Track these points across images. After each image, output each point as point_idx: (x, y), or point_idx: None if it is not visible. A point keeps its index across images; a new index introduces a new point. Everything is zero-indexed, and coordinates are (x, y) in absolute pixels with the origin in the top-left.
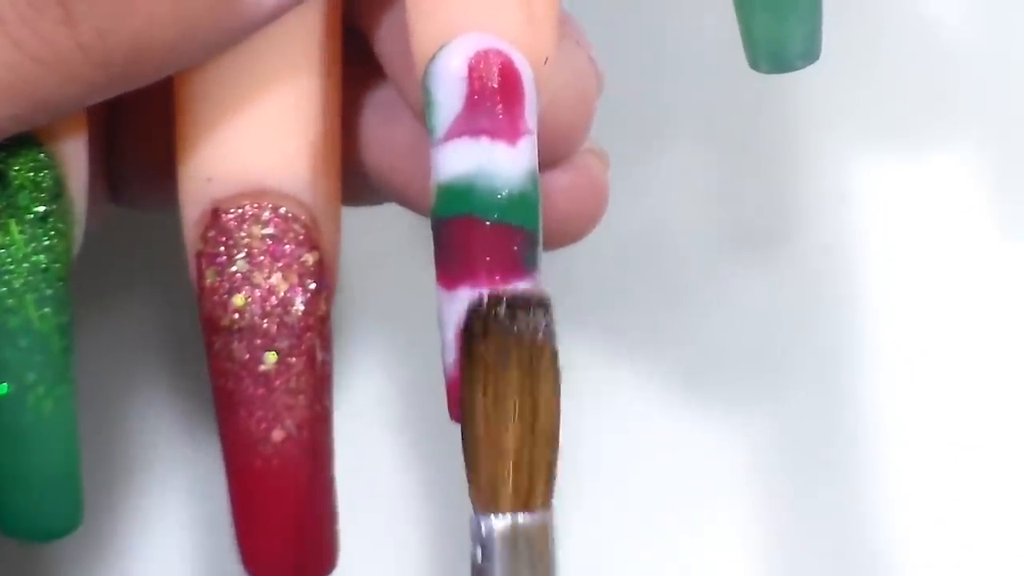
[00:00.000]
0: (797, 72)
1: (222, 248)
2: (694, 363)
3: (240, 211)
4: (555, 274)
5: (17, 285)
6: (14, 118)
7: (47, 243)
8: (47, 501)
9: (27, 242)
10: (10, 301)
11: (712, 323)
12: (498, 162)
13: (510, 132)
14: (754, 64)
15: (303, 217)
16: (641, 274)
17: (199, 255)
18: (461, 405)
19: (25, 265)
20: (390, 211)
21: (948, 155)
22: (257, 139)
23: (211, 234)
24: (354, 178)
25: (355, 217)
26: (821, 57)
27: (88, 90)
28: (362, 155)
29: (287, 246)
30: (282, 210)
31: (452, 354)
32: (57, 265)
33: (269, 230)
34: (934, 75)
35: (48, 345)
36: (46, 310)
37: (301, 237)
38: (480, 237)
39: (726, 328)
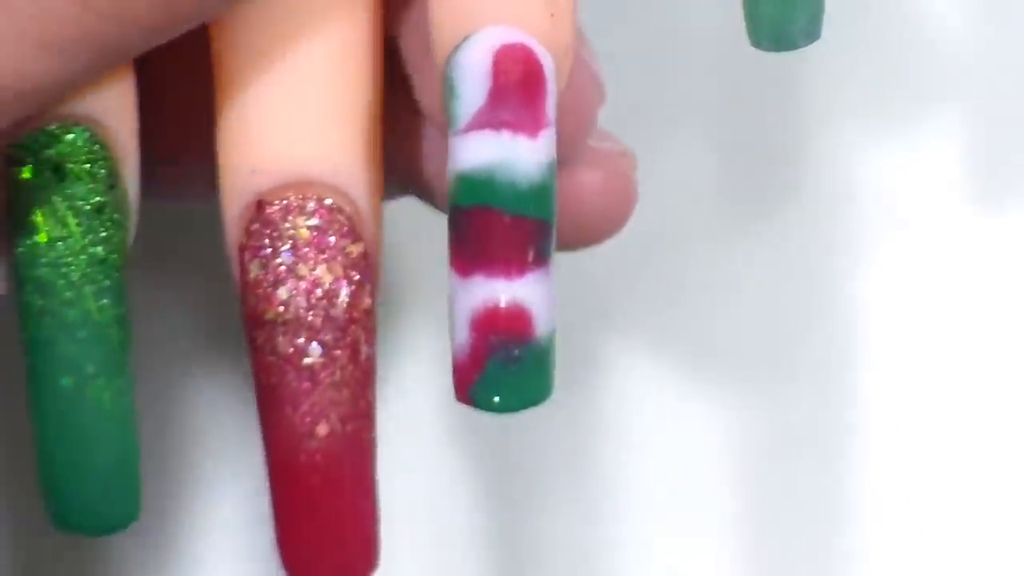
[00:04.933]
0: (796, 70)
1: (266, 241)
2: (694, 360)
3: (285, 203)
4: (557, 271)
5: (75, 277)
6: (79, 71)
7: (104, 234)
8: (105, 494)
9: (84, 234)
10: (68, 294)
11: (712, 318)
12: (519, 154)
13: (531, 125)
14: (756, 42)
15: (347, 209)
16: (640, 272)
17: (242, 248)
18: None
19: (83, 257)
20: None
21: (948, 151)
22: (302, 130)
23: (255, 227)
24: None
25: None
26: (820, 54)
27: (153, 36)
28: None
29: (332, 237)
30: (327, 201)
31: (462, 336)
32: (114, 256)
33: (314, 221)
34: (935, 70)
35: (107, 337)
36: (104, 301)
37: (346, 229)
38: (498, 228)
39: (726, 324)
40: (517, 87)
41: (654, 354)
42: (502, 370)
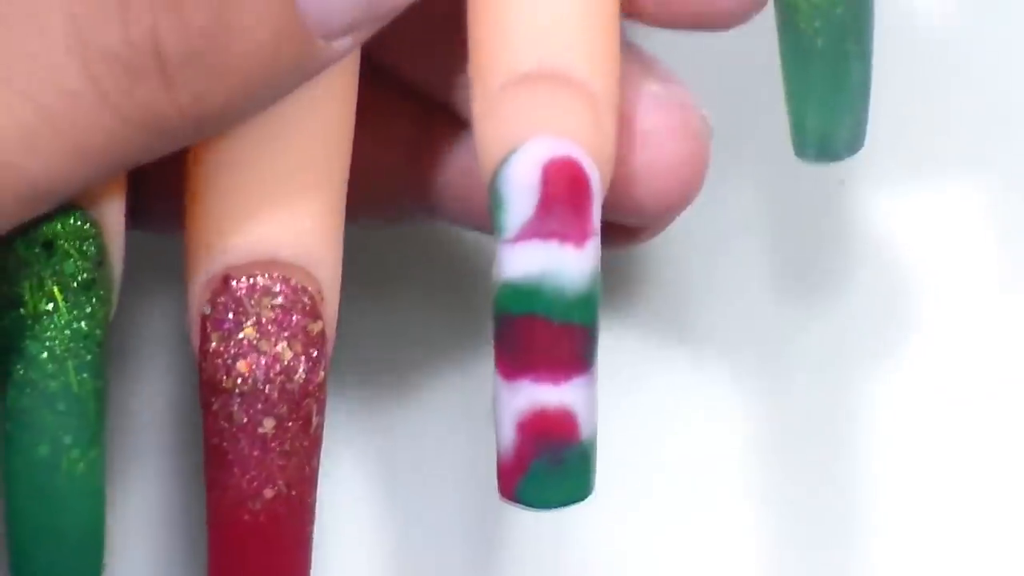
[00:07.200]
0: None
1: (230, 315)
2: (692, 358)
3: (252, 281)
4: None
5: (59, 351)
6: (100, 175)
7: (89, 310)
8: (73, 560)
9: (70, 309)
10: (51, 366)
11: (711, 316)
12: (567, 264)
13: (579, 235)
14: (800, 153)
15: (311, 288)
16: (639, 269)
17: (205, 318)
18: None
19: (67, 332)
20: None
21: (948, 151)
22: (275, 212)
23: (221, 300)
24: (402, 201)
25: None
26: None
27: (176, 145)
28: (426, 177)
29: (295, 316)
30: (292, 281)
31: (508, 438)
32: (97, 331)
33: (279, 300)
34: (934, 70)
35: (84, 409)
36: (84, 375)
37: (308, 307)
38: (545, 336)
39: (726, 322)
40: (566, 198)
41: (649, 352)
42: (546, 471)
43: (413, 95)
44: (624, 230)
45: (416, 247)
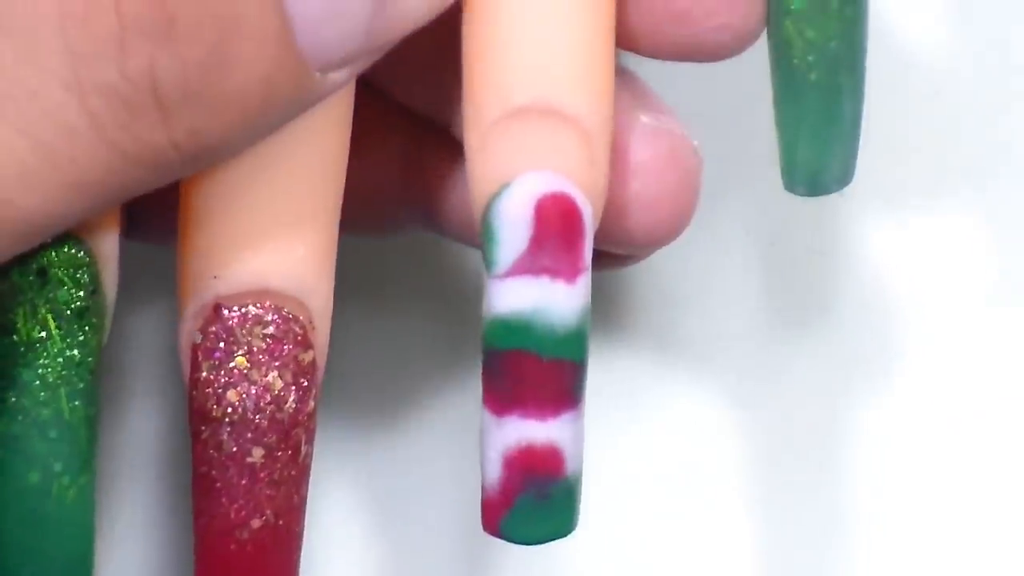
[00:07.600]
0: None
1: (222, 344)
2: (689, 364)
3: (244, 311)
4: None
5: (51, 379)
6: (95, 209)
7: (81, 338)
8: None
9: (63, 337)
10: (43, 394)
11: (703, 335)
12: (558, 300)
13: (570, 271)
14: (790, 186)
15: (302, 318)
16: (635, 273)
17: (196, 347)
18: None
19: (60, 359)
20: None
21: (939, 175)
22: (268, 242)
23: (212, 329)
24: (397, 215)
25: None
26: None
27: (172, 177)
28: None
29: (286, 346)
30: (284, 311)
31: (494, 473)
32: (90, 359)
33: (270, 330)
34: (930, 77)
35: (76, 436)
36: (76, 403)
37: (300, 337)
38: (535, 371)
39: (718, 341)
40: (559, 234)
41: (644, 358)
42: (531, 506)
43: (408, 112)
44: (610, 256)
45: (410, 260)
